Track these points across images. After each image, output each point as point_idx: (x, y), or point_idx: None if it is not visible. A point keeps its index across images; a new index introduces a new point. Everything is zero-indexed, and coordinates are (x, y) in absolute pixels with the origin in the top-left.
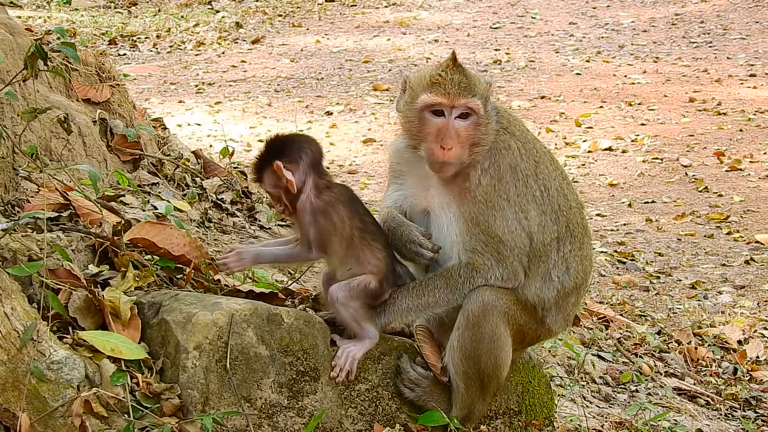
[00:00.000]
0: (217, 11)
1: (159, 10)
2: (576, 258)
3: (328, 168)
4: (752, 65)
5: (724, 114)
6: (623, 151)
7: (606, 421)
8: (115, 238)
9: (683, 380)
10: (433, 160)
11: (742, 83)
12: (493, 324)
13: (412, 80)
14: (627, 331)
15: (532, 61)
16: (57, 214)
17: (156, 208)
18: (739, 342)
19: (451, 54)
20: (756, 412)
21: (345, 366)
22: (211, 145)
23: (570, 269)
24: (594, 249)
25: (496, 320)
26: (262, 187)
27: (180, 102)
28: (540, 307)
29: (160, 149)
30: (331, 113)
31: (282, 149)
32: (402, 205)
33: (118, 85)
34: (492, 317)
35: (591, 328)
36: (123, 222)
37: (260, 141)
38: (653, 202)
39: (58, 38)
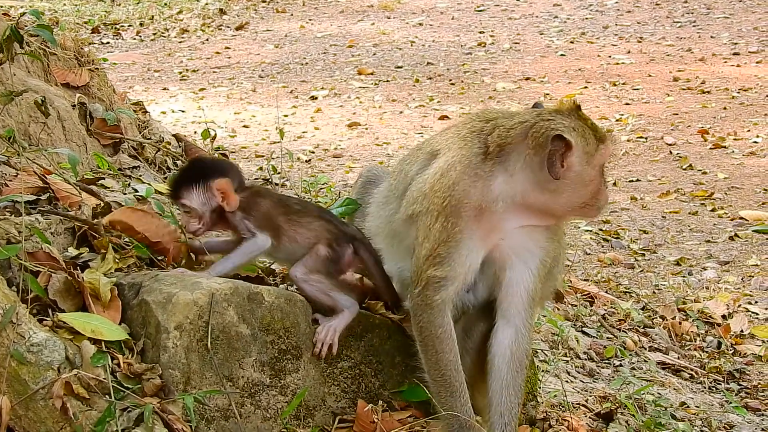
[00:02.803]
0: None
1: None
2: None
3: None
4: (736, 44)
5: (708, 92)
6: (608, 131)
7: (590, 396)
8: (95, 220)
9: (667, 354)
10: (605, 204)
11: (725, 62)
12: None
13: (579, 141)
14: (611, 307)
15: (516, 43)
16: (36, 197)
17: (137, 191)
18: (723, 317)
19: (575, 104)
20: (740, 385)
21: (326, 339)
22: (195, 132)
23: None
24: (579, 228)
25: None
26: (181, 204)
27: (164, 89)
28: None
29: (140, 133)
30: (316, 98)
31: (218, 169)
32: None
33: (97, 69)
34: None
35: (575, 305)
36: (103, 205)
37: (245, 126)
38: (638, 180)
39: (35, 22)
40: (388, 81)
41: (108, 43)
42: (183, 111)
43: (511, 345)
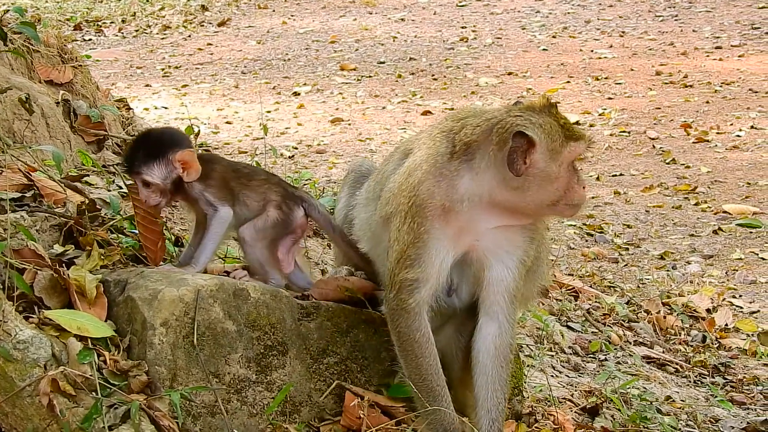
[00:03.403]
0: None
1: None
2: None
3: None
4: (718, 38)
5: (691, 86)
6: (591, 125)
7: (575, 390)
8: (80, 217)
9: (652, 349)
10: (581, 203)
11: (708, 56)
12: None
13: (540, 136)
14: (596, 301)
15: (498, 38)
16: (20, 194)
17: (121, 188)
18: (708, 310)
19: (549, 99)
20: (725, 378)
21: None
22: (178, 128)
23: None
24: (563, 222)
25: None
26: (142, 179)
27: (147, 86)
28: None
29: (124, 129)
30: (299, 94)
31: (175, 140)
32: (445, 271)
33: (80, 66)
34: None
35: (560, 300)
36: (87, 202)
37: (228, 123)
38: (621, 174)
39: (18, 19)
40: (370, 77)
41: (90, 39)
42: (166, 107)
43: (494, 340)
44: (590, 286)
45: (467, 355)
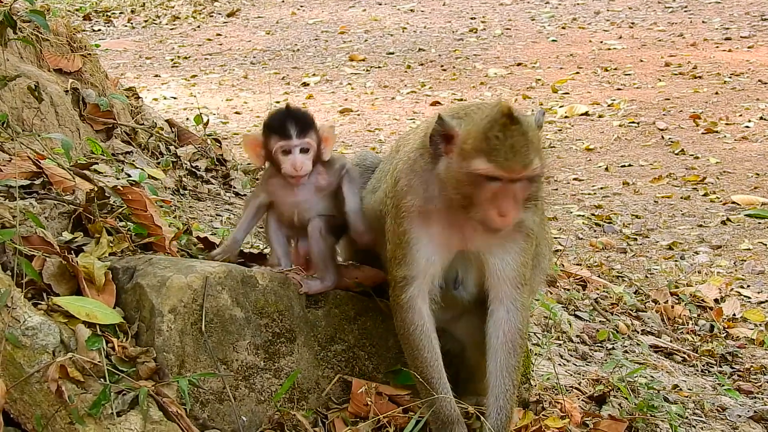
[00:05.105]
0: None
1: None
2: None
3: None
4: (727, 29)
5: (700, 77)
6: (600, 116)
7: (583, 379)
8: (89, 205)
9: (660, 338)
10: (489, 226)
11: (717, 47)
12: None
13: (462, 133)
14: (604, 291)
15: (508, 28)
16: (30, 182)
17: (130, 176)
18: (716, 300)
19: (504, 109)
20: (732, 368)
21: (302, 288)
22: (187, 118)
23: None
24: (571, 213)
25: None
26: (306, 142)
27: (156, 76)
28: None
29: (133, 118)
30: (308, 84)
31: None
32: (434, 268)
33: (89, 54)
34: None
35: (568, 289)
36: (96, 189)
37: (237, 113)
38: (630, 165)
39: (28, 8)
40: (379, 67)
41: (99, 30)
42: (175, 98)
43: (503, 325)
44: (598, 276)
45: (483, 343)
